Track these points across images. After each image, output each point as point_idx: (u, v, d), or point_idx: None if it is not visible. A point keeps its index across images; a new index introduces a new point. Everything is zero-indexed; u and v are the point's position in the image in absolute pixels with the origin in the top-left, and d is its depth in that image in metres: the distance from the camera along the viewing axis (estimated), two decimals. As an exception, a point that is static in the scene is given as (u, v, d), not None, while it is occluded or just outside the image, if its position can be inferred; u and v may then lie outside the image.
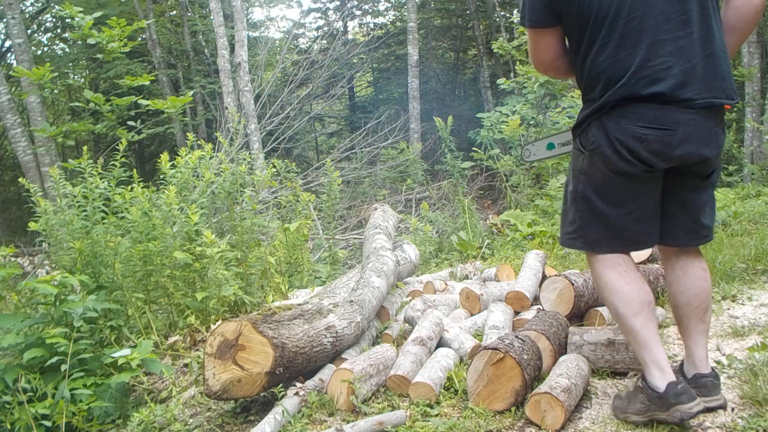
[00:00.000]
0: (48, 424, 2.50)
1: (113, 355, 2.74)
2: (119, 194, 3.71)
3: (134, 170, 3.98)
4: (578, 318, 2.99)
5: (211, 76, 13.66)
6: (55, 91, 14.62)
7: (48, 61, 11.07)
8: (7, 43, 14.20)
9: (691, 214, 2.08)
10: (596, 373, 2.50)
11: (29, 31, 13.49)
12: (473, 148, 8.09)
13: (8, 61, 14.61)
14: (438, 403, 2.35)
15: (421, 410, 2.30)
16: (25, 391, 2.58)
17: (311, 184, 8.66)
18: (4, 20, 10.34)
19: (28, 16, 13.92)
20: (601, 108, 1.96)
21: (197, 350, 3.22)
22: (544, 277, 3.37)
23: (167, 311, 3.68)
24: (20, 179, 4.49)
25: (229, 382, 2.29)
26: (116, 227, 3.66)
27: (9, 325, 2.85)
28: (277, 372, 2.33)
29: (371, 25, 19.43)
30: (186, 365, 3.11)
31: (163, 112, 6.70)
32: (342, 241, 7.27)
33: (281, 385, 2.38)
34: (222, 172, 4.18)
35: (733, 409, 2.11)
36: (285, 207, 5.92)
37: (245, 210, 4.01)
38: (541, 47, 2.12)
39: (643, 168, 1.94)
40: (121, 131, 6.34)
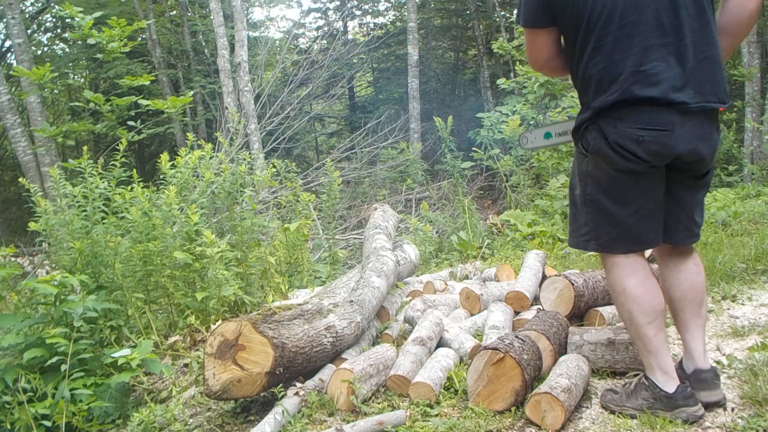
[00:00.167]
0: (48, 424, 2.50)
1: (113, 355, 2.74)
2: (119, 194, 3.71)
3: (134, 170, 3.98)
4: (578, 318, 2.99)
5: (211, 76, 13.66)
6: (55, 91, 14.63)
7: (48, 61, 11.08)
8: (7, 43, 14.21)
9: (688, 212, 2.13)
10: (596, 373, 2.50)
11: (29, 31, 13.49)
12: (473, 148, 8.09)
13: (8, 61, 14.62)
14: (438, 403, 2.35)
15: (421, 410, 2.30)
16: (25, 391, 2.58)
17: (311, 184, 8.66)
18: (4, 20, 10.34)
19: (28, 16, 13.92)
20: (597, 112, 1.98)
21: (197, 350, 3.22)
22: (544, 277, 3.37)
23: (167, 311, 3.68)
24: (20, 179, 4.49)
25: (229, 382, 2.29)
26: (116, 227, 3.66)
27: (9, 325, 2.84)
28: (277, 372, 2.33)
29: (371, 25, 19.44)
30: (186, 365, 3.11)
31: (163, 112, 6.70)
32: (342, 241, 7.27)
33: (281, 385, 2.38)
34: (222, 172, 4.17)
35: (733, 409, 2.11)
36: (285, 207, 5.92)
37: (245, 210, 4.01)
38: (537, 47, 2.14)
39: (646, 165, 1.96)
40: (121, 131, 6.33)
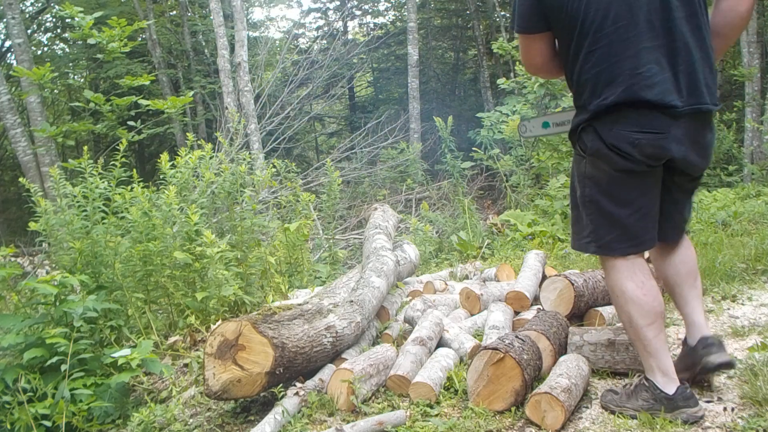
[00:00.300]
0: (48, 424, 2.50)
1: (113, 355, 2.74)
2: (119, 194, 3.71)
3: (134, 170, 3.98)
4: (578, 318, 2.99)
5: (211, 76, 13.66)
6: (55, 91, 14.62)
7: (48, 61, 11.07)
8: (7, 43, 14.21)
9: (681, 212, 2.19)
10: (596, 373, 2.50)
11: (29, 31, 13.49)
12: (473, 148, 8.09)
13: (8, 61, 14.62)
14: (438, 403, 2.35)
15: (421, 410, 2.30)
16: (25, 391, 2.58)
17: (311, 184, 8.66)
18: (4, 20, 10.33)
19: (28, 16, 13.92)
20: (593, 115, 2.00)
21: (197, 350, 3.22)
22: (544, 277, 3.37)
23: (167, 311, 3.68)
24: (20, 179, 4.49)
25: (229, 382, 2.29)
26: (116, 227, 3.66)
27: (9, 325, 2.84)
28: (277, 372, 2.33)
29: (371, 25, 19.43)
30: (186, 365, 3.11)
31: (163, 112, 6.70)
32: (342, 241, 7.27)
33: (281, 385, 2.38)
34: (222, 172, 4.17)
35: (733, 409, 2.11)
36: (285, 207, 5.92)
37: (245, 210, 4.01)
38: (532, 52, 2.17)
39: (644, 165, 1.98)
40: (121, 131, 6.33)
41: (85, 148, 4.27)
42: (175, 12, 15.52)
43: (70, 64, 15.02)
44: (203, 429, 2.41)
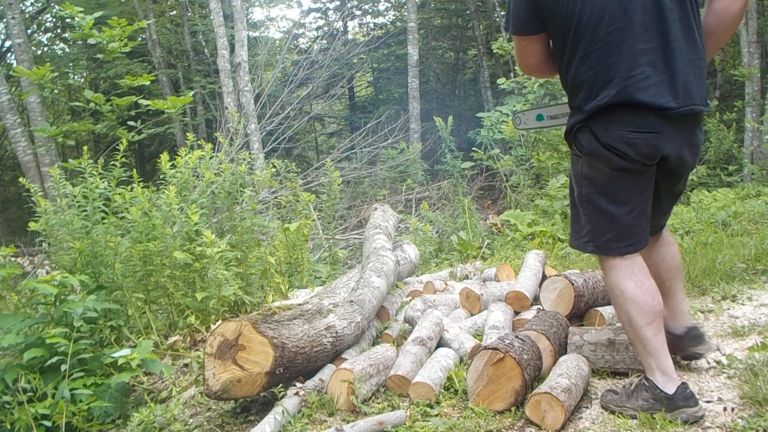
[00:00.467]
0: (48, 424, 2.50)
1: (113, 355, 2.74)
2: (119, 194, 3.71)
3: (134, 170, 3.97)
4: (578, 318, 2.99)
5: (211, 76, 13.66)
6: (55, 91, 14.61)
7: (48, 61, 11.07)
8: (7, 43, 14.20)
9: (665, 210, 2.28)
10: (596, 373, 2.50)
11: (29, 31, 13.49)
12: (473, 148, 8.09)
13: (8, 61, 14.61)
14: (438, 403, 2.35)
15: (421, 410, 2.30)
16: (25, 391, 2.58)
17: (311, 184, 8.66)
18: (4, 20, 10.33)
19: (28, 16, 13.92)
20: (588, 117, 2.02)
21: (197, 350, 3.22)
22: (544, 277, 3.37)
23: (167, 311, 3.68)
24: (20, 179, 4.49)
25: (229, 382, 2.29)
26: (116, 227, 3.66)
27: (9, 325, 2.84)
28: (277, 372, 2.33)
29: (371, 25, 19.44)
30: (186, 365, 3.11)
31: (163, 112, 6.69)
32: (342, 241, 7.27)
33: (281, 385, 2.38)
34: (222, 172, 4.17)
35: (733, 409, 2.11)
36: (285, 207, 5.92)
37: (245, 210, 4.01)
38: (527, 53, 2.20)
39: (639, 163, 2.01)
40: (121, 131, 6.33)
41: (85, 148, 4.26)
42: (175, 12, 15.52)
43: (70, 64, 15.02)
44: (203, 429, 2.41)
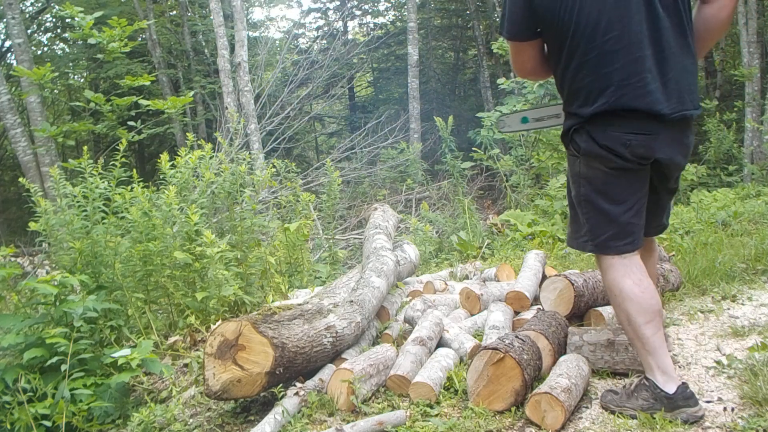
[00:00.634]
0: (48, 424, 2.50)
1: (113, 355, 2.74)
2: (119, 194, 3.71)
3: (134, 170, 3.97)
4: (578, 318, 2.99)
5: (211, 76, 13.65)
6: (55, 91, 14.62)
7: (48, 61, 11.08)
8: (7, 43, 14.20)
9: (666, 206, 2.31)
10: (596, 373, 2.50)
11: (29, 31, 13.49)
12: (473, 148, 8.09)
13: (8, 61, 14.61)
14: (438, 403, 2.35)
15: (421, 410, 2.30)
16: (25, 391, 2.58)
17: (311, 184, 8.66)
18: (4, 20, 10.33)
19: (28, 16, 13.91)
20: (585, 121, 2.07)
21: (197, 350, 3.22)
22: (544, 277, 3.37)
23: (167, 311, 3.68)
24: (20, 179, 4.49)
25: (229, 382, 2.29)
26: (116, 227, 3.66)
27: (9, 325, 2.84)
28: (277, 372, 2.33)
29: (371, 25, 19.45)
30: (186, 365, 3.11)
31: (163, 112, 6.69)
32: (342, 241, 7.27)
33: (281, 385, 2.38)
34: (222, 172, 4.17)
35: (733, 409, 2.11)
36: (285, 207, 5.92)
37: (245, 210, 4.01)
38: (523, 58, 2.23)
39: (636, 162, 2.05)
40: (121, 131, 6.33)
41: (85, 148, 4.26)
42: (175, 12, 15.52)
43: (70, 64, 15.02)
44: (203, 429, 2.41)
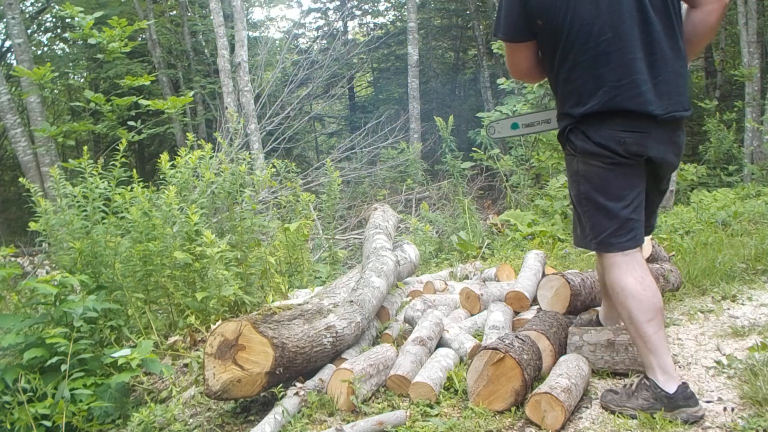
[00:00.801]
0: (48, 424, 2.50)
1: (113, 355, 2.73)
2: (119, 194, 3.71)
3: (134, 170, 3.97)
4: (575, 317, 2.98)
5: (211, 76, 13.65)
6: (55, 91, 14.62)
7: (48, 61, 11.07)
8: (7, 43, 14.20)
9: (655, 209, 2.34)
10: (596, 373, 2.50)
11: (29, 31, 13.48)
12: (473, 148, 8.09)
13: (8, 61, 14.61)
14: (438, 403, 2.35)
15: (421, 410, 2.30)
16: (25, 391, 2.58)
17: (311, 184, 8.66)
18: (4, 20, 10.33)
19: (28, 16, 13.91)
20: (579, 121, 2.10)
21: (197, 350, 3.22)
22: (544, 277, 3.37)
23: (167, 311, 3.68)
24: (20, 179, 4.49)
25: (229, 382, 2.29)
26: (116, 227, 3.66)
27: (9, 325, 2.84)
28: (277, 372, 2.33)
29: (371, 25, 19.45)
30: (186, 365, 3.11)
31: (163, 112, 6.69)
32: (342, 241, 7.27)
33: (281, 385, 2.38)
34: (222, 172, 4.17)
35: (733, 409, 2.11)
36: (285, 207, 5.92)
37: (245, 210, 4.01)
38: (517, 59, 2.27)
39: (631, 159, 2.09)
40: (121, 131, 6.32)
41: (85, 148, 4.26)
42: (175, 12, 15.50)
43: (70, 64, 15.01)
44: (203, 429, 2.41)
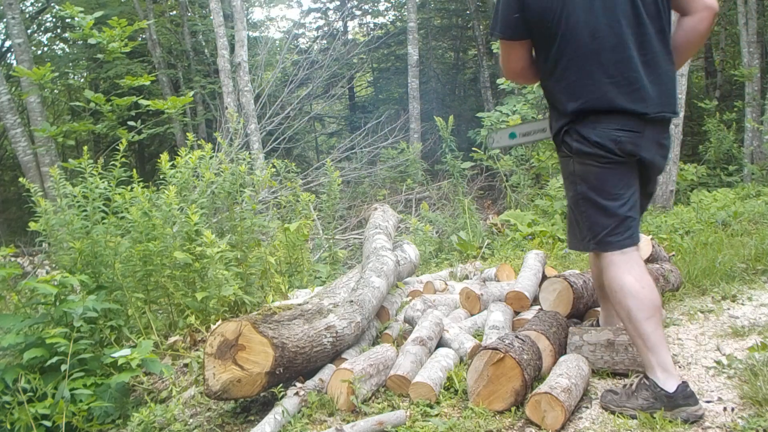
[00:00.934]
0: (48, 424, 2.50)
1: (113, 355, 2.73)
2: (119, 194, 3.71)
3: (134, 170, 3.97)
4: (578, 318, 2.98)
5: (211, 76, 13.64)
6: (55, 91, 14.62)
7: (48, 61, 11.07)
8: (7, 43, 14.21)
9: (642, 212, 2.35)
10: (596, 373, 2.50)
11: (29, 31, 13.48)
12: (473, 148, 8.09)
13: (8, 61, 14.61)
14: (438, 403, 2.35)
15: (421, 410, 2.30)
16: (25, 391, 2.58)
17: (311, 184, 8.66)
18: (4, 20, 10.33)
19: (28, 16, 13.91)
20: (572, 120, 2.14)
21: (197, 350, 3.22)
22: (544, 277, 3.37)
23: (167, 311, 3.68)
24: (20, 179, 4.49)
25: (229, 382, 2.29)
26: (116, 227, 3.66)
27: (9, 325, 2.84)
28: (277, 372, 2.33)
29: (371, 25, 19.44)
30: (186, 365, 3.11)
31: (163, 112, 6.69)
32: (342, 241, 7.27)
33: (281, 385, 2.38)
34: (222, 172, 4.17)
35: (733, 409, 2.11)
36: (285, 207, 5.92)
37: (245, 210, 4.01)
38: (513, 58, 2.29)
39: (625, 158, 2.12)
40: (121, 131, 6.32)
41: (85, 148, 4.26)
42: (175, 12, 15.50)
43: (70, 64, 15.01)
44: (203, 429, 2.41)
